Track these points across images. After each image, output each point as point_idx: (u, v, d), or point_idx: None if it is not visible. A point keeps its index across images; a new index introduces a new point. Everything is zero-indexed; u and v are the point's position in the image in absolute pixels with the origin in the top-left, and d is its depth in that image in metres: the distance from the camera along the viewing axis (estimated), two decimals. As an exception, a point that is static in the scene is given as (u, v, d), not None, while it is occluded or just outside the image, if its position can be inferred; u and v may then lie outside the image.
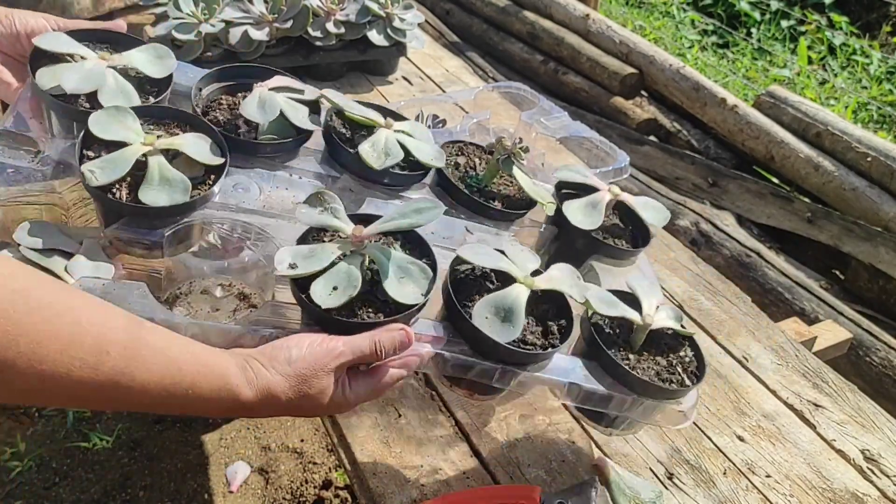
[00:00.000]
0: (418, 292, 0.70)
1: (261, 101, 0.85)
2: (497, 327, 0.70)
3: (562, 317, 0.77)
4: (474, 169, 0.95)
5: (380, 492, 0.81)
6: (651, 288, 0.82)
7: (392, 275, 0.69)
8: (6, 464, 1.64)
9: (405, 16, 1.65)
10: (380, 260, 0.70)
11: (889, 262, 2.06)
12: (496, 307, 0.71)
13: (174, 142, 0.75)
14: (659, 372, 0.76)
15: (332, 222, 0.72)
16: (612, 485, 0.73)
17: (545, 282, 0.75)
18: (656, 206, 0.95)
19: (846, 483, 0.87)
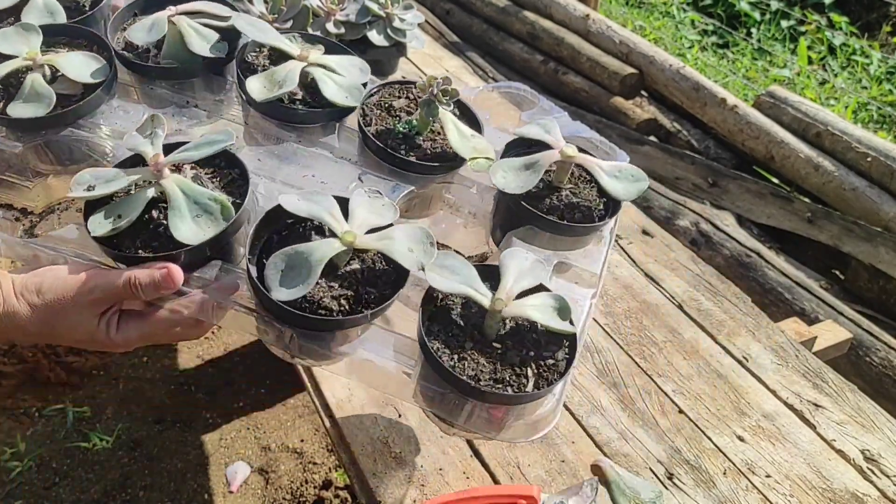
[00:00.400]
0: (207, 233, 0.63)
1: (151, 24, 0.80)
2: (285, 282, 0.61)
3: (389, 286, 0.66)
4: (410, 114, 0.82)
5: (380, 492, 0.81)
6: (533, 267, 0.68)
7: (185, 210, 0.64)
8: (6, 464, 1.64)
9: (405, 16, 1.65)
10: (171, 192, 0.64)
11: (889, 262, 2.06)
12: (294, 260, 0.62)
13: (54, 59, 0.76)
14: (497, 371, 0.63)
15: (144, 147, 0.67)
16: (612, 485, 0.73)
17: (373, 241, 0.65)
18: (629, 172, 0.79)
19: (846, 483, 0.87)
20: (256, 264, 0.65)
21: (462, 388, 0.62)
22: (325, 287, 0.64)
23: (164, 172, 0.65)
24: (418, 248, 0.65)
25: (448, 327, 0.66)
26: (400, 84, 0.86)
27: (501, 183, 0.74)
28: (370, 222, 0.67)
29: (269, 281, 0.61)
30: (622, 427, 0.91)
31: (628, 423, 0.92)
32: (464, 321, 0.66)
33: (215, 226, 0.64)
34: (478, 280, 0.66)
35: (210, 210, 0.64)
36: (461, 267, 0.66)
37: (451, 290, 0.64)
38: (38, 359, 1.86)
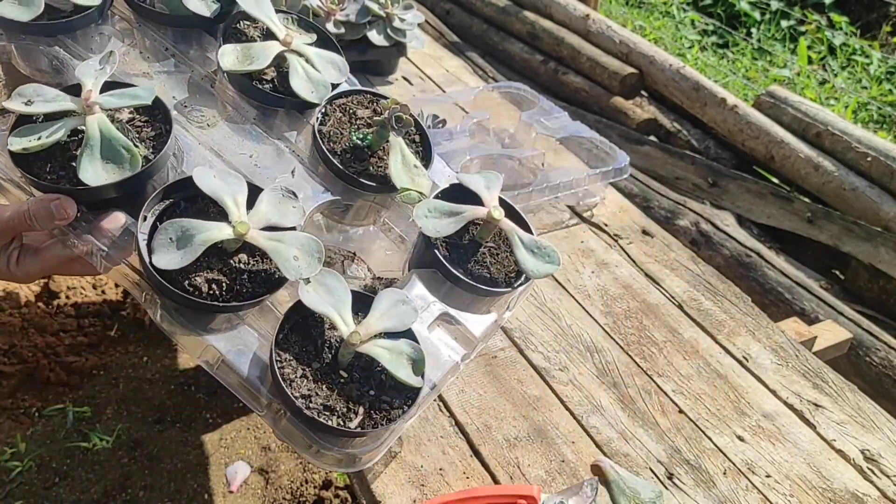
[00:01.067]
0: (107, 177, 0.64)
1: None
2: (168, 251, 0.62)
3: (266, 286, 0.66)
4: (370, 127, 0.82)
5: (380, 492, 0.81)
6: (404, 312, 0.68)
7: (97, 151, 0.65)
8: (6, 464, 1.64)
9: (405, 16, 1.65)
10: (90, 129, 0.65)
11: (889, 262, 2.06)
12: (183, 232, 0.63)
13: None
14: (330, 398, 0.64)
15: (85, 79, 0.68)
16: (612, 485, 0.73)
17: (264, 239, 0.65)
18: (547, 252, 0.77)
19: (846, 483, 0.87)
20: (152, 226, 0.65)
21: (288, 405, 0.63)
22: (205, 268, 0.64)
23: (93, 109, 0.66)
24: (304, 259, 0.65)
25: (306, 341, 0.67)
26: (371, 94, 0.86)
27: (422, 222, 0.74)
28: (271, 220, 0.67)
29: (155, 244, 0.62)
30: (622, 427, 0.91)
31: (628, 423, 0.92)
32: (322, 342, 0.67)
33: (119, 173, 0.65)
34: (348, 307, 0.66)
35: (119, 157, 0.65)
36: (338, 290, 0.67)
37: (316, 309, 0.65)
38: (38, 359, 1.86)
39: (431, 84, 1.72)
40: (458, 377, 0.95)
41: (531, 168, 1.32)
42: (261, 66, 0.77)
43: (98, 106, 0.67)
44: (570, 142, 1.40)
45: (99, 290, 2.09)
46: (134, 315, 2.01)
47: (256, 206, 0.67)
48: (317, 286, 0.66)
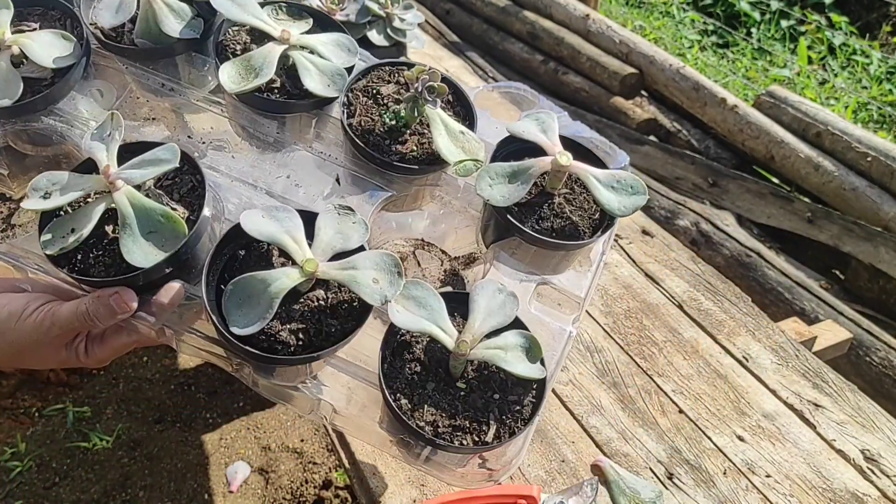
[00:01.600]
0: (157, 253, 0.59)
1: (119, 3, 0.75)
2: (242, 314, 0.58)
3: (352, 318, 0.62)
4: (399, 102, 0.74)
5: (380, 492, 0.81)
6: (504, 303, 0.63)
7: (136, 229, 0.60)
8: (6, 464, 1.64)
9: (405, 16, 1.65)
10: (123, 208, 0.60)
11: (889, 262, 2.06)
12: (251, 289, 0.59)
13: (21, 40, 0.71)
14: (457, 416, 0.60)
15: (99, 154, 0.63)
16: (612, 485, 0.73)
17: (337, 270, 0.60)
18: (629, 183, 0.72)
19: (846, 483, 0.87)
20: (216, 287, 0.61)
21: (419, 436, 0.59)
22: (285, 317, 0.60)
23: (116, 184, 0.61)
24: (384, 279, 0.60)
25: (412, 363, 0.62)
26: (391, 66, 0.79)
27: (487, 193, 0.68)
28: (335, 246, 0.62)
29: (227, 312, 0.58)
30: (622, 427, 0.91)
31: (628, 423, 0.92)
32: (428, 357, 0.62)
33: (169, 245, 0.60)
34: (444, 315, 0.62)
35: (162, 229, 0.60)
36: (429, 300, 0.62)
37: (414, 328, 0.60)
38: (38, 359, 1.86)
39: (431, 84, 1.72)
40: None
41: None
42: (269, 76, 0.71)
43: (121, 180, 0.62)
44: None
45: (99, 290, 2.09)
46: (134, 315, 2.01)
47: (317, 237, 0.62)
48: (405, 302, 0.61)
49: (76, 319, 0.62)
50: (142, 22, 0.74)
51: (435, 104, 0.72)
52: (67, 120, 0.72)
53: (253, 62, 0.71)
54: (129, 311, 0.62)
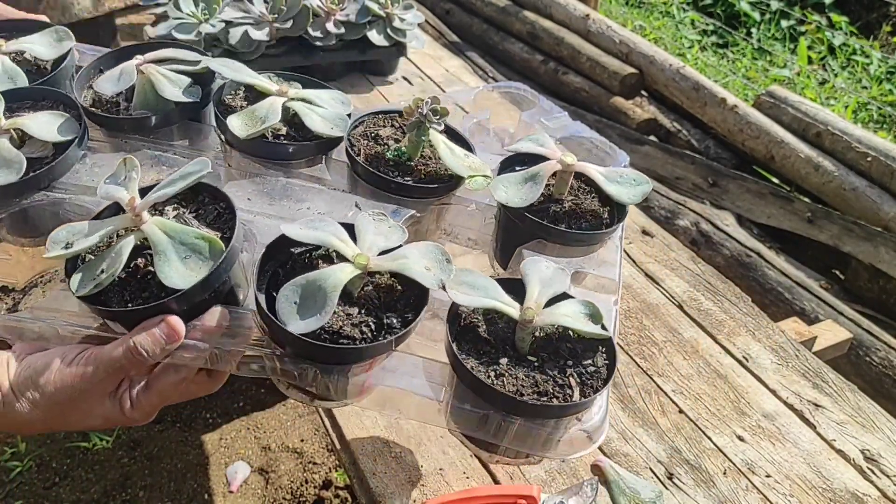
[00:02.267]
0: (200, 273, 0.58)
1: (120, 73, 0.77)
2: (301, 314, 0.57)
3: (409, 309, 0.62)
4: (398, 141, 0.81)
5: (380, 492, 0.81)
6: (554, 275, 0.66)
7: (172, 254, 0.58)
8: (6, 464, 1.64)
9: (405, 16, 1.65)
10: (154, 235, 0.59)
11: (889, 262, 2.06)
12: (307, 289, 0.58)
13: (19, 121, 0.71)
14: (539, 383, 0.60)
15: (118, 193, 0.61)
16: (612, 485, 0.73)
17: (388, 262, 0.61)
18: (631, 177, 0.77)
19: (846, 483, 0.87)
20: (266, 301, 0.60)
21: (505, 404, 0.58)
22: (343, 315, 0.60)
23: (143, 217, 0.60)
24: (435, 266, 0.62)
25: (478, 345, 0.62)
26: (383, 113, 0.85)
27: (503, 197, 0.72)
28: (379, 244, 0.63)
29: (284, 315, 0.57)
30: (622, 427, 0.91)
31: (628, 423, 0.92)
32: (493, 337, 0.63)
33: (206, 265, 0.58)
34: (501, 292, 0.63)
35: (198, 249, 0.59)
36: (482, 281, 0.63)
37: (477, 304, 0.61)
38: (38, 359, 1.86)
39: (431, 84, 1.72)
40: None
41: None
42: (275, 121, 0.74)
43: (147, 212, 0.61)
44: (570, 142, 1.40)
45: (99, 290, 2.09)
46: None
47: (360, 238, 0.63)
48: (460, 286, 0.62)
49: (123, 357, 0.57)
50: (140, 93, 0.77)
51: (440, 125, 0.77)
52: (73, 192, 0.71)
53: (258, 112, 0.75)
54: (178, 338, 0.58)
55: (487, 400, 0.59)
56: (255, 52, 1.51)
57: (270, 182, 0.75)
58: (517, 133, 1.42)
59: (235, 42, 1.48)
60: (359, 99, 1.61)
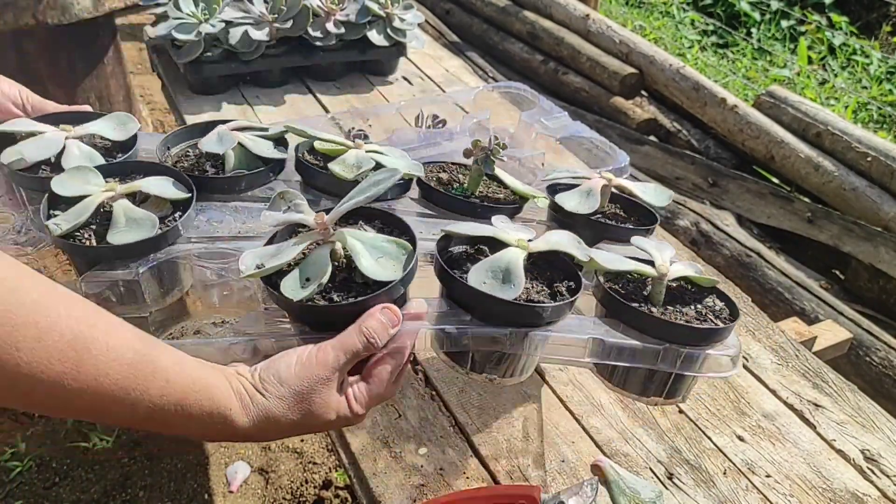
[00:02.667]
0: (398, 268, 0.66)
1: (218, 136, 0.86)
2: (497, 289, 0.67)
3: (569, 279, 0.73)
4: (458, 182, 0.92)
5: (380, 492, 0.81)
6: (660, 245, 0.79)
7: (368, 255, 0.65)
8: (6, 464, 1.64)
9: (405, 16, 1.65)
10: (349, 242, 0.66)
11: (889, 262, 2.06)
12: (492, 270, 0.68)
13: (135, 185, 0.75)
14: (689, 320, 0.72)
15: (296, 217, 0.68)
16: (612, 485, 0.73)
17: (543, 244, 0.73)
18: (656, 187, 0.94)
19: (846, 483, 0.87)
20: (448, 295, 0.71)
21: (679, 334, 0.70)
22: (530, 288, 0.70)
23: (329, 231, 0.67)
24: (580, 246, 0.75)
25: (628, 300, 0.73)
26: (436, 164, 0.97)
27: (573, 207, 0.87)
28: (523, 235, 0.74)
29: (491, 290, 0.67)
30: (622, 427, 0.91)
31: (628, 423, 0.92)
32: (632, 293, 0.75)
33: (400, 263, 0.66)
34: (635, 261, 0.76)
35: (389, 252, 0.67)
36: (613, 251, 0.79)
37: (624, 268, 0.74)
38: (38, 359, 1.86)
39: (431, 84, 1.72)
40: (457, 376, 0.95)
41: (531, 168, 1.32)
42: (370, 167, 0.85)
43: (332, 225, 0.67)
44: (570, 142, 1.40)
45: (99, 290, 2.09)
46: (134, 315, 2.01)
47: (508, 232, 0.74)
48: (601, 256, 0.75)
49: (358, 342, 0.62)
50: (234, 156, 0.86)
51: (503, 159, 0.92)
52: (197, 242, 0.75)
53: (348, 161, 0.85)
54: (399, 320, 0.64)
55: (661, 335, 0.70)
56: (255, 53, 1.51)
57: None
58: (517, 133, 1.42)
59: (235, 42, 1.48)
60: (359, 99, 1.61)
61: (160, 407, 0.55)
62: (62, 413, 0.53)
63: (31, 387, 0.48)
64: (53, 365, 0.48)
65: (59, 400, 0.50)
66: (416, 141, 1.34)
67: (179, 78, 1.55)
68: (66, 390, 0.50)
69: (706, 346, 0.71)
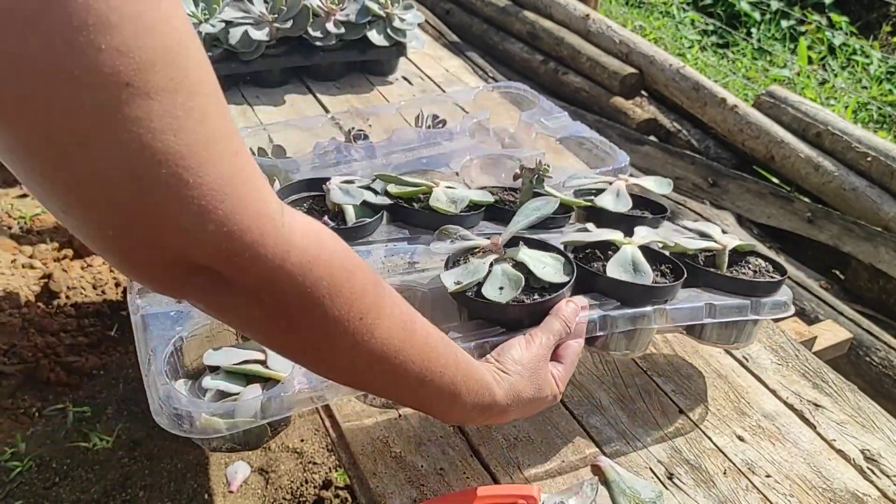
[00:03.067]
0: (562, 273, 0.81)
1: (342, 189, 0.96)
2: (636, 277, 0.82)
3: (664, 262, 0.89)
4: (509, 201, 1.06)
5: (380, 492, 0.81)
6: (709, 225, 0.97)
7: (539, 266, 0.80)
8: (6, 464, 1.64)
9: (405, 16, 1.65)
10: (523, 257, 0.80)
11: (889, 262, 2.06)
12: (623, 265, 0.83)
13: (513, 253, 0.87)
14: (754, 277, 0.91)
15: (469, 243, 0.84)
16: (612, 485, 0.73)
17: (640, 239, 0.87)
18: (656, 178, 1.10)
19: (846, 483, 0.87)
20: None
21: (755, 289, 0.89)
22: None
23: (502, 250, 0.82)
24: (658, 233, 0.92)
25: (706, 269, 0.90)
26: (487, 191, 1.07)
27: (612, 206, 1.01)
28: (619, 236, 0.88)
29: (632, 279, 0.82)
30: (622, 427, 0.91)
31: (628, 423, 0.92)
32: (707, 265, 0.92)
33: (566, 272, 0.81)
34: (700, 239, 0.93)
35: (550, 263, 0.81)
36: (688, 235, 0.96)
37: (700, 246, 0.91)
38: (38, 359, 1.86)
39: (431, 84, 1.72)
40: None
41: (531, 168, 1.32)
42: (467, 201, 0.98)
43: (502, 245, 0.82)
44: (570, 142, 1.40)
45: (99, 290, 2.09)
46: (134, 315, 2.01)
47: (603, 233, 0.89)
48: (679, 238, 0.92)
49: (559, 323, 0.76)
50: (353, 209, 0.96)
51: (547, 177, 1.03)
52: None
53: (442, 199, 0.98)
54: (581, 309, 0.78)
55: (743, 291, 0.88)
56: (255, 52, 1.51)
57: None
58: (517, 133, 1.42)
59: (235, 42, 1.48)
60: (359, 99, 1.61)
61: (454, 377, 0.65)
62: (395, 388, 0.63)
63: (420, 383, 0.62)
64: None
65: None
66: (417, 141, 1.34)
67: (179, 78, 1.55)
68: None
69: (774, 294, 0.89)
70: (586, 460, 0.86)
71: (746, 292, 0.88)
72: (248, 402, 0.72)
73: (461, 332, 0.78)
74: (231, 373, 0.77)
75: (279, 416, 0.74)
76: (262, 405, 0.72)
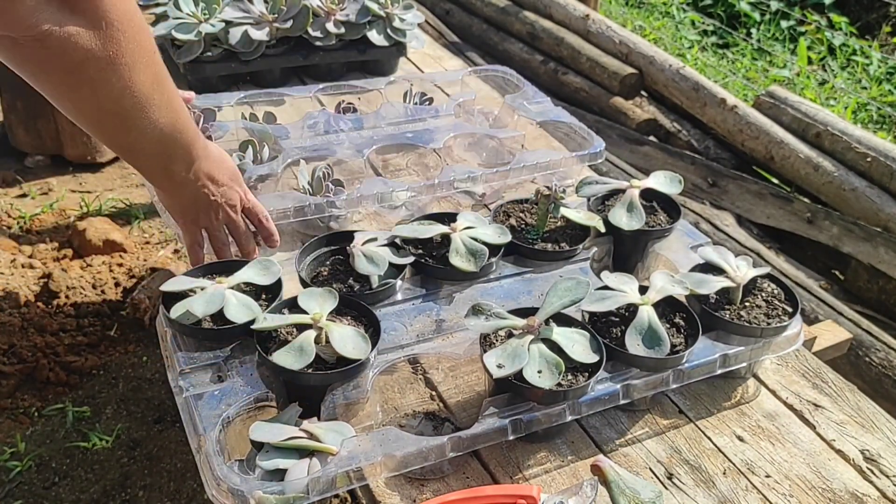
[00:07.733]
0: (590, 350, 0.85)
1: (367, 257, 0.97)
2: (652, 351, 0.86)
3: (678, 311, 0.94)
4: (526, 224, 1.10)
5: (380, 492, 0.81)
6: (719, 251, 1.00)
7: (569, 343, 0.84)
8: (6, 464, 1.64)
9: (405, 16, 1.65)
10: (559, 339, 0.84)
11: (889, 262, 2.06)
12: (640, 332, 0.88)
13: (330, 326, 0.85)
14: (767, 313, 0.95)
15: (504, 323, 0.86)
16: (612, 485, 0.73)
17: (656, 294, 0.91)
18: (665, 175, 1.12)
19: (846, 483, 0.87)
20: None
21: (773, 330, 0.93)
22: None
23: (537, 330, 0.85)
24: (675, 281, 0.95)
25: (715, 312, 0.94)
26: (500, 210, 1.13)
27: (627, 224, 1.06)
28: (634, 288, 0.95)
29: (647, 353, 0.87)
30: (622, 427, 0.92)
31: (628, 423, 0.92)
32: (720, 302, 0.96)
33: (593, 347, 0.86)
34: (714, 276, 0.97)
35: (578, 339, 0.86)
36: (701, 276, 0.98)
37: (714, 289, 0.95)
38: (37, 359, 1.86)
39: (431, 84, 1.72)
40: (456, 377, 0.95)
41: (511, 148, 1.36)
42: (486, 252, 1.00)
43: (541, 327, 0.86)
44: (550, 126, 1.43)
45: (98, 290, 2.09)
46: (133, 315, 2.01)
47: None
48: (692, 280, 0.96)
49: None
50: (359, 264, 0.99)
51: (564, 205, 1.08)
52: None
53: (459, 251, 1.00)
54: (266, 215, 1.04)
55: (754, 335, 0.93)
56: (255, 52, 1.51)
57: None
58: (501, 114, 1.44)
59: (235, 42, 1.48)
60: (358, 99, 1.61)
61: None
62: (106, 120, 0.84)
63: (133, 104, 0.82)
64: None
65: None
66: (403, 116, 1.39)
67: (179, 77, 1.55)
68: None
69: (781, 334, 0.94)
70: (586, 460, 0.86)
71: (759, 335, 0.92)
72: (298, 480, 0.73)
73: (497, 408, 0.81)
74: (281, 448, 0.76)
75: (328, 494, 0.75)
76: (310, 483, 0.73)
